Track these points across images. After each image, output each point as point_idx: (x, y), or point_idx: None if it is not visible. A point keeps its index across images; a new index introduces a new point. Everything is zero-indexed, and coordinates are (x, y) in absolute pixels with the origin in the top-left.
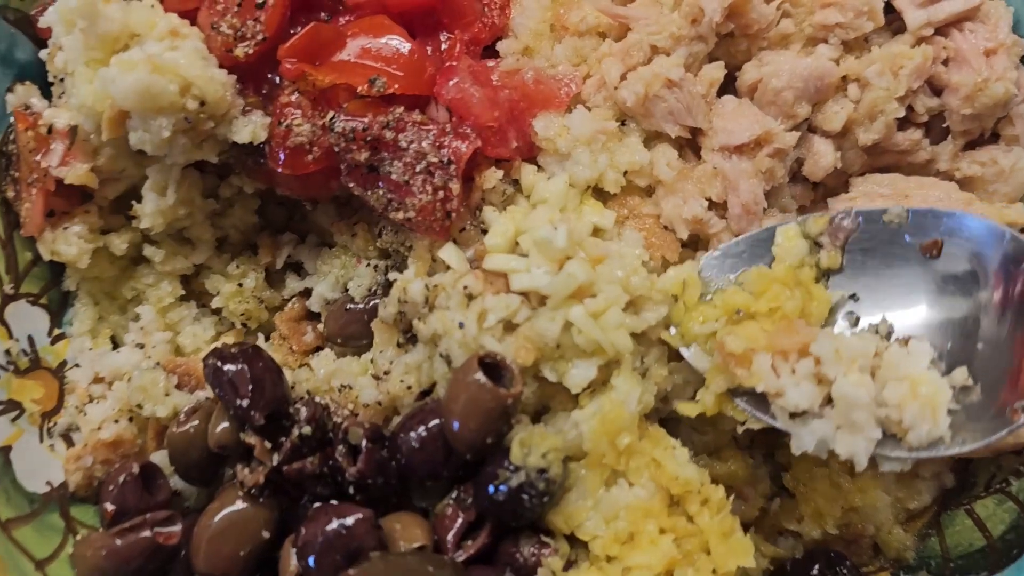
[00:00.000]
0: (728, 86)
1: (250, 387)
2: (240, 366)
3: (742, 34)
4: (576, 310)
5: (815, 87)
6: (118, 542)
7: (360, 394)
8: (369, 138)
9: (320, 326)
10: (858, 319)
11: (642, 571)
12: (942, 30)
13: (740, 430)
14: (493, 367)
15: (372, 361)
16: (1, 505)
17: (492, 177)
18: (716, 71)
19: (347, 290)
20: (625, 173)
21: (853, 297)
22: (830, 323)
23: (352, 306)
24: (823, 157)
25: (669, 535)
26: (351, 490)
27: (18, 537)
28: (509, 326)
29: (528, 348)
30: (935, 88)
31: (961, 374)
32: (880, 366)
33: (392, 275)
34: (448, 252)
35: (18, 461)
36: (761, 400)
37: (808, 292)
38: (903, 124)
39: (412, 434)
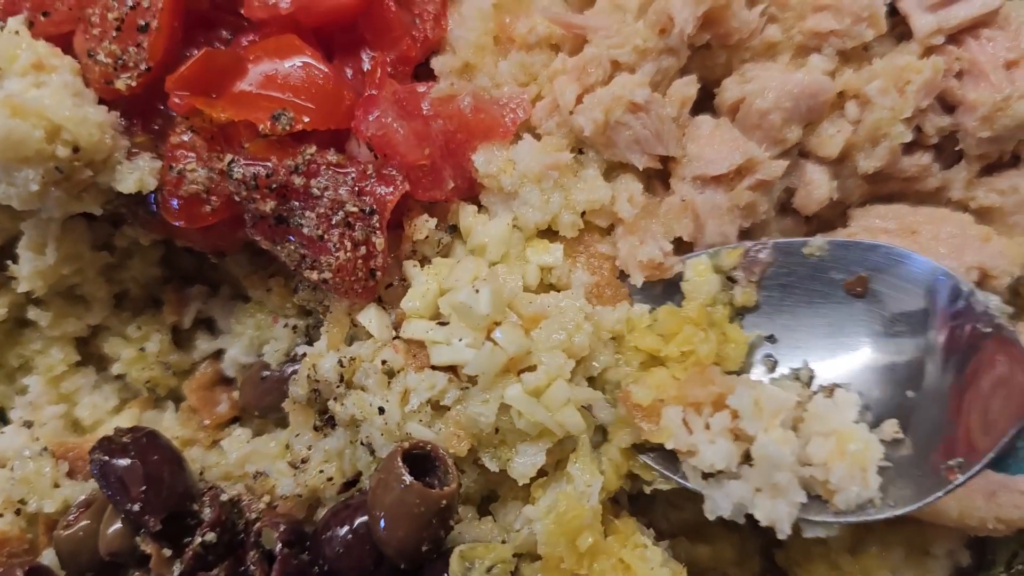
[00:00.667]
0: (705, 103)
1: (143, 488)
2: (131, 460)
3: (720, 45)
4: (512, 390)
5: (807, 106)
6: None
7: (277, 484)
8: (275, 185)
9: (236, 394)
10: (776, 363)
11: None
12: (955, 38)
13: (648, 490)
14: (422, 458)
15: (288, 447)
16: None
17: (424, 227)
18: (688, 88)
19: (263, 353)
20: (583, 214)
21: (770, 339)
22: (746, 368)
23: (268, 373)
24: (817, 187)
25: None
26: None
27: None
28: (439, 407)
29: (461, 435)
30: (947, 105)
31: (891, 427)
32: (803, 419)
33: (302, 348)
34: (369, 316)
35: None
36: (671, 457)
37: (723, 333)
38: (910, 147)
39: (336, 535)
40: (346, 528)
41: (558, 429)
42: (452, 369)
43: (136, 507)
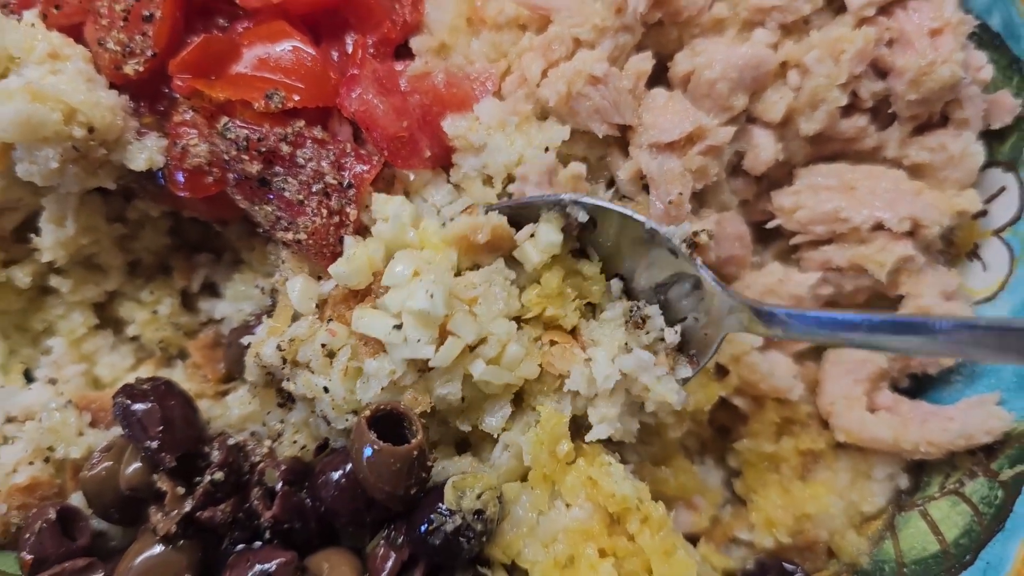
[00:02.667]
0: (660, 76)
1: (160, 428)
2: (150, 404)
3: (672, 22)
4: (477, 367)
5: (752, 76)
6: None
7: (268, 443)
8: (264, 149)
9: None
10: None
11: None
12: (886, 9)
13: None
14: (387, 418)
15: (264, 423)
16: None
17: (370, 195)
18: (644, 63)
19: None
20: (547, 149)
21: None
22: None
23: (232, 340)
24: (763, 150)
25: (609, 557)
26: (267, 535)
27: None
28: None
29: (419, 398)
30: (880, 71)
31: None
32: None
33: (247, 339)
34: (294, 288)
35: None
36: None
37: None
38: (848, 110)
39: (331, 479)
40: (339, 472)
41: (519, 381)
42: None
43: (154, 444)
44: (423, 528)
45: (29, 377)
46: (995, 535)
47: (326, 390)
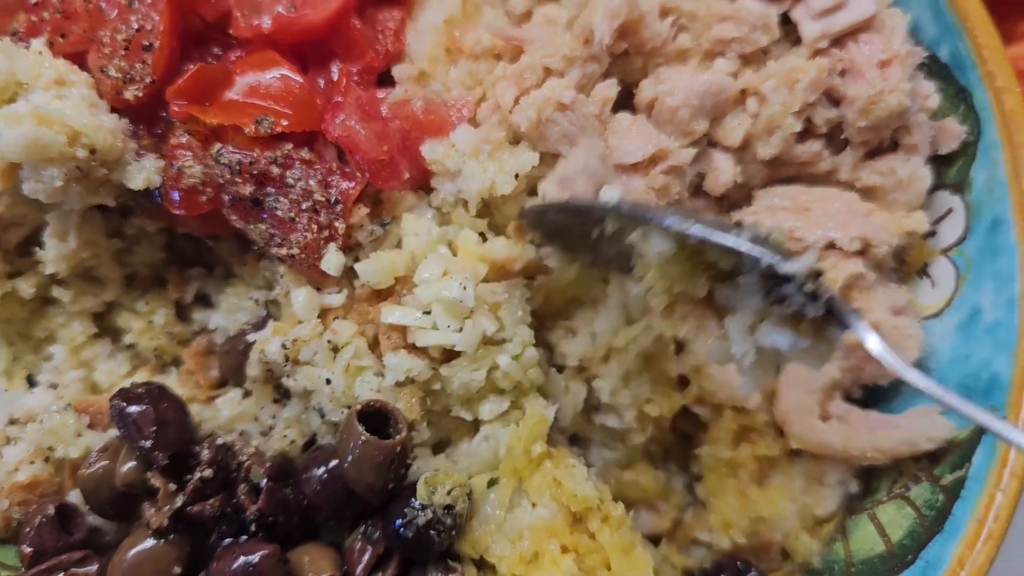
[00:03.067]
0: (626, 102)
1: (154, 428)
2: (144, 406)
3: (637, 52)
4: (503, 359)
5: (712, 103)
6: None
7: (257, 443)
8: (255, 172)
9: None
10: None
11: None
12: (839, 42)
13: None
14: (375, 415)
15: (255, 419)
16: None
17: (358, 213)
18: (609, 90)
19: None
20: (516, 176)
21: None
22: None
23: (228, 348)
24: (723, 172)
25: (571, 553)
26: (252, 527)
27: None
28: (402, 382)
29: (414, 405)
30: (833, 99)
31: None
32: None
33: (252, 335)
34: (299, 298)
35: None
36: None
37: None
38: (804, 135)
39: (314, 475)
40: (322, 469)
41: (528, 383)
42: (422, 350)
43: (148, 444)
44: (397, 523)
45: (31, 382)
46: (934, 536)
47: (328, 382)
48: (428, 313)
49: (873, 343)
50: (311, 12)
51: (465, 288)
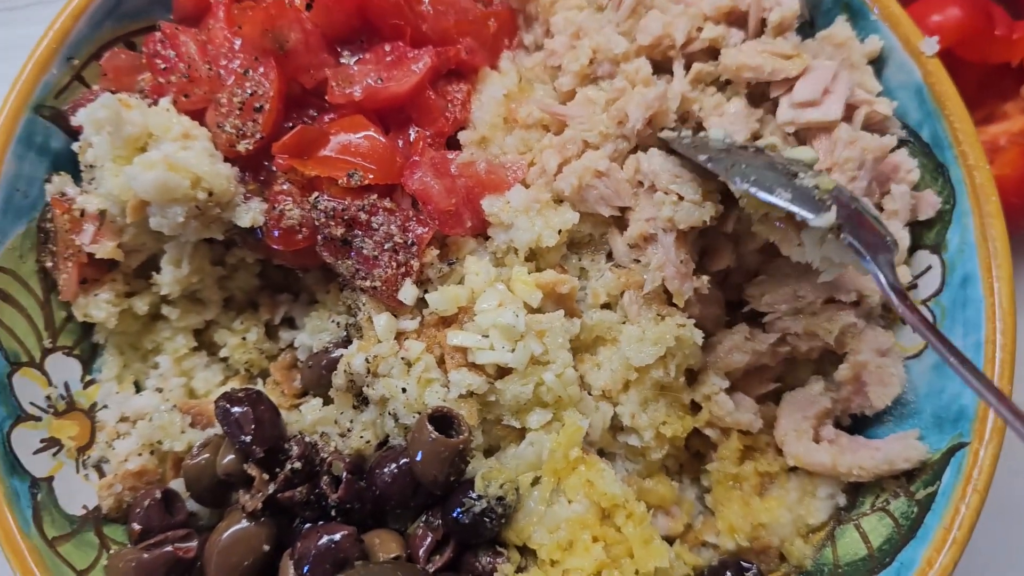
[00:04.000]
0: None
1: (253, 426)
2: (245, 408)
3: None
4: (548, 375)
5: None
6: (144, 555)
7: (336, 443)
8: (346, 217)
9: None
10: None
11: (578, 572)
12: (803, 134)
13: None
14: (441, 419)
15: (335, 423)
16: (48, 526)
17: (429, 254)
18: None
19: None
20: (560, 232)
21: None
22: None
23: (312, 363)
24: (720, 258)
25: (600, 542)
26: (333, 513)
27: (62, 552)
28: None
29: (472, 414)
30: None
31: None
32: None
33: (337, 351)
34: (380, 321)
35: (59, 489)
36: None
37: None
38: None
39: (386, 470)
40: (393, 465)
41: (568, 399)
42: (480, 367)
43: (247, 439)
44: (457, 511)
45: (138, 387)
46: (909, 542)
47: (404, 391)
48: (486, 336)
49: (881, 279)
50: (395, 84)
51: (517, 315)
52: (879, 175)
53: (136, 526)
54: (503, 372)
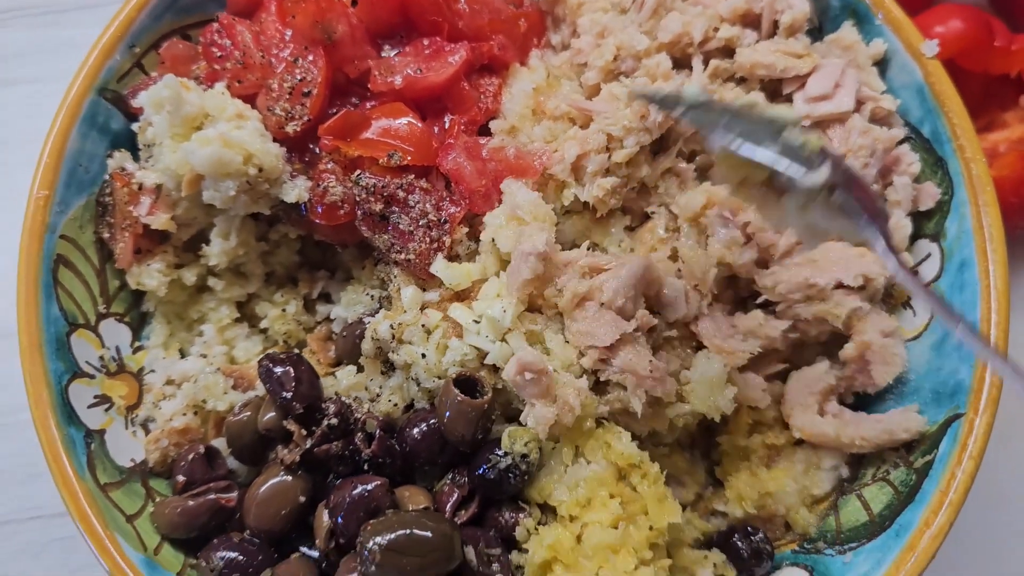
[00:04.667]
0: None
1: (293, 384)
2: (287, 367)
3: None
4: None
5: None
6: (189, 503)
7: (368, 407)
8: (385, 194)
9: None
10: None
11: (596, 525)
12: (819, 127)
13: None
14: (466, 382)
15: (366, 388)
16: (100, 472)
17: (459, 231)
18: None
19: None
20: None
21: None
22: None
23: (346, 334)
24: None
25: (617, 499)
26: (366, 467)
27: (113, 497)
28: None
29: (488, 379)
30: None
31: None
32: None
33: (367, 319)
34: (407, 293)
35: (110, 441)
36: None
37: None
38: None
39: (415, 430)
40: (424, 424)
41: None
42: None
43: (288, 395)
44: (483, 467)
45: (182, 354)
46: (907, 506)
47: (423, 356)
48: (478, 321)
49: (879, 245)
50: (433, 74)
51: (505, 311)
52: (883, 167)
53: (181, 478)
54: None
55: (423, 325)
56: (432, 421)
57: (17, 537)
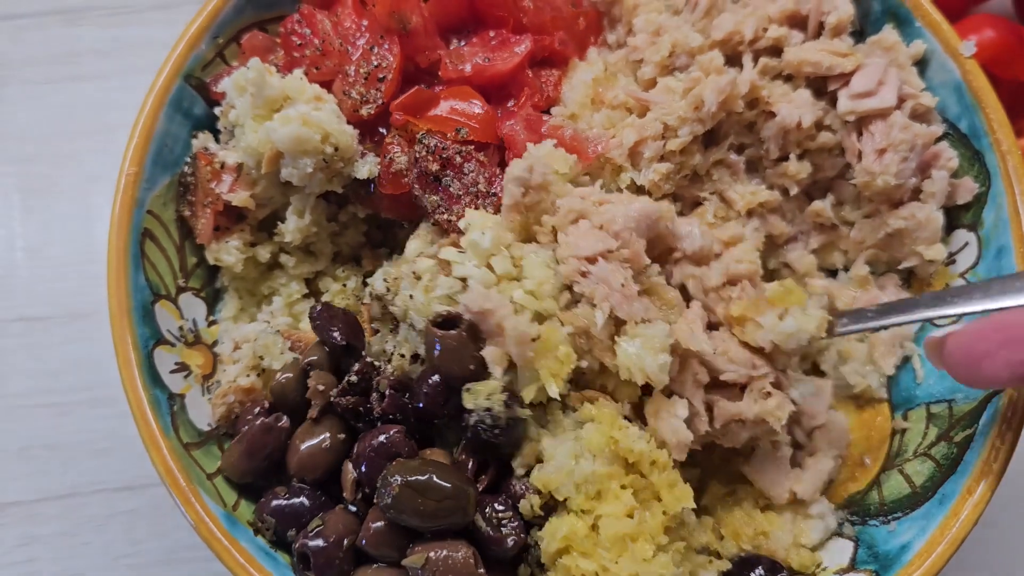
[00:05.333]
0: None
1: (340, 324)
2: (336, 312)
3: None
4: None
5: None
6: (247, 431)
7: (387, 369)
8: (444, 156)
9: None
10: None
11: (610, 517)
12: (862, 122)
13: None
14: (447, 323)
15: (383, 351)
16: (183, 433)
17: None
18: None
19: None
20: None
21: None
22: None
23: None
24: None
25: (629, 489)
26: (378, 423)
27: (194, 455)
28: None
29: None
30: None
31: None
32: None
33: (371, 279)
34: (410, 246)
35: (190, 406)
36: None
37: None
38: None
39: (421, 383)
40: (430, 380)
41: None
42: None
43: (334, 331)
44: (464, 431)
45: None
46: (949, 477)
47: (411, 296)
48: (463, 252)
49: None
50: (500, 63)
51: (484, 234)
52: (922, 162)
53: (244, 428)
54: None
55: (414, 272)
56: (435, 379)
57: (83, 510)
